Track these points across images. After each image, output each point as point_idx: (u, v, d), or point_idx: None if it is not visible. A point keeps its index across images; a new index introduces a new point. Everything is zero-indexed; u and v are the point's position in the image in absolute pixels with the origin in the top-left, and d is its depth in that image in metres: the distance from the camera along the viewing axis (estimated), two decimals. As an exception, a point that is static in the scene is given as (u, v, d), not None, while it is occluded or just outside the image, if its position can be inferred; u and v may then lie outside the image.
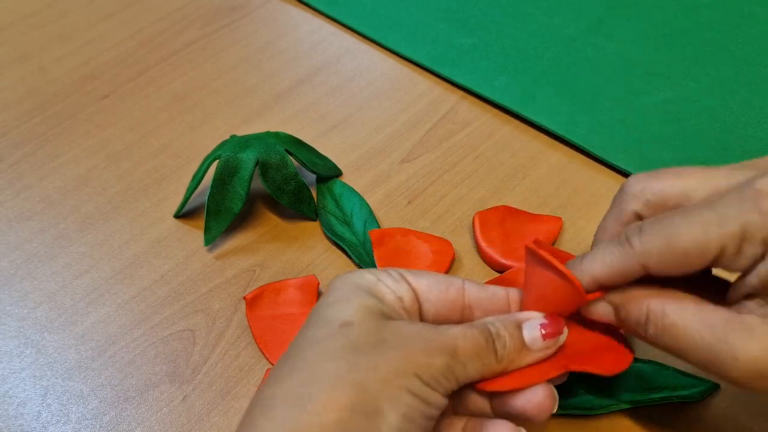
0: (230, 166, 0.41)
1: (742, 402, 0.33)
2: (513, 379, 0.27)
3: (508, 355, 0.26)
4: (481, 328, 0.26)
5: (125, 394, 0.36)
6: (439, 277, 0.28)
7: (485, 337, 0.26)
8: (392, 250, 0.40)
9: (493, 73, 0.50)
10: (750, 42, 0.50)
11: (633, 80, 0.49)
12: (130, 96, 0.52)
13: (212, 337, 0.38)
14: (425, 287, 0.28)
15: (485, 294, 0.28)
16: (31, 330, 0.39)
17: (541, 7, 0.55)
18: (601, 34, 0.52)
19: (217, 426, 0.34)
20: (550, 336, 0.27)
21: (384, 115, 0.49)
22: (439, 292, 0.28)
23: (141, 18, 0.58)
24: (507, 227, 0.40)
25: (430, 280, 0.28)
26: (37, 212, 0.45)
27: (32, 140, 0.49)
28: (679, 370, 0.34)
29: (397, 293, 0.27)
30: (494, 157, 0.46)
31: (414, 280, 0.28)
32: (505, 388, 0.26)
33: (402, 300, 0.27)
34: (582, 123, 0.46)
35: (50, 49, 0.56)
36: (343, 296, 0.26)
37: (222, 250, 0.42)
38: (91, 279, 0.41)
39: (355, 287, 0.27)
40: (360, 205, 0.43)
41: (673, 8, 0.54)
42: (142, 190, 0.45)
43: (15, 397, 0.36)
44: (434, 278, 0.28)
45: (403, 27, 0.55)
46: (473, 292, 0.28)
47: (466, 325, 0.26)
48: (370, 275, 0.27)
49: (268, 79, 0.52)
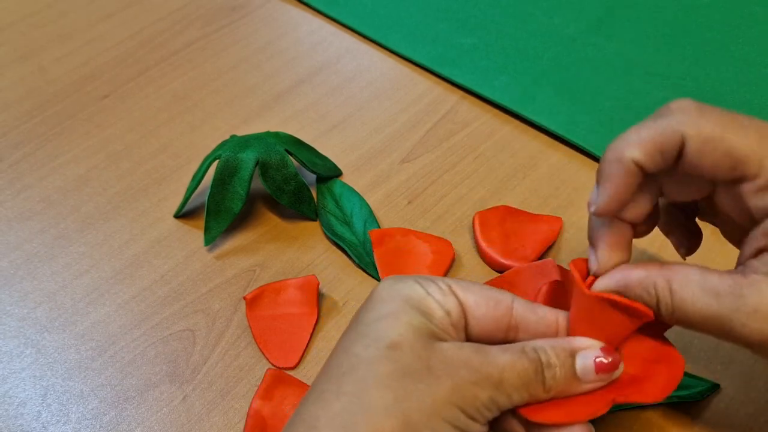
0: (230, 166, 0.41)
1: (742, 402, 0.33)
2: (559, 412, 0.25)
3: (556, 385, 0.25)
4: (531, 357, 0.25)
5: (125, 394, 0.36)
6: (489, 293, 0.27)
7: (535, 367, 0.25)
8: (392, 250, 0.40)
9: (493, 73, 0.50)
10: (750, 42, 0.50)
11: (633, 80, 0.49)
12: (130, 96, 0.52)
13: (212, 337, 0.38)
14: (473, 303, 0.27)
15: (534, 317, 0.27)
16: (31, 330, 0.39)
17: (541, 7, 0.55)
18: (601, 34, 0.52)
19: (217, 426, 0.34)
20: (606, 371, 0.26)
21: (384, 115, 0.49)
22: (487, 310, 0.27)
23: (141, 18, 0.58)
24: (507, 227, 0.40)
25: (479, 296, 0.27)
26: (37, 212, 0.45)
27: (32, 140, 0.49)
28: (679, 370, 0.34)
29: (445, 308, 0.26)
30: (494, 157, 0.46)
31: (463, 294, 0.27)
32: (550, 421, 0.25)
33: (450, 315, 0.26)
34: (582, 123, 0.46)
35: (50, 49, 0.56)
36: (390, 311, 0.25)
37: (222, 250, 0.42)
38: (91, 279, 0.41)
39: (403, 301, 0.26)
40: (360, 205, 0.43)
41: (673, 8, 0.54)
42: (142, 190, 0.45)
43: (15, 397, 0.36)
44: (483, 294, 0.27)
45: (403, 27, 0.55)
46: (521, 312, 0.27)
47: (516, 351, 0.25)
48: (418, 287, 0.26)
49: (268, 79, 0.52)
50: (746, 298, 0.23)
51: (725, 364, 0.35)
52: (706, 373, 0.34)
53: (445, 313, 0.26)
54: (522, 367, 0.25)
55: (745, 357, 0.35)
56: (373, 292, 0.27)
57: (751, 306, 0.23)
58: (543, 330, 0.27)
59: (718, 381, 0.34)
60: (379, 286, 0.27)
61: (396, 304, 0.26)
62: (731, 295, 0.24)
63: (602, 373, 0.26)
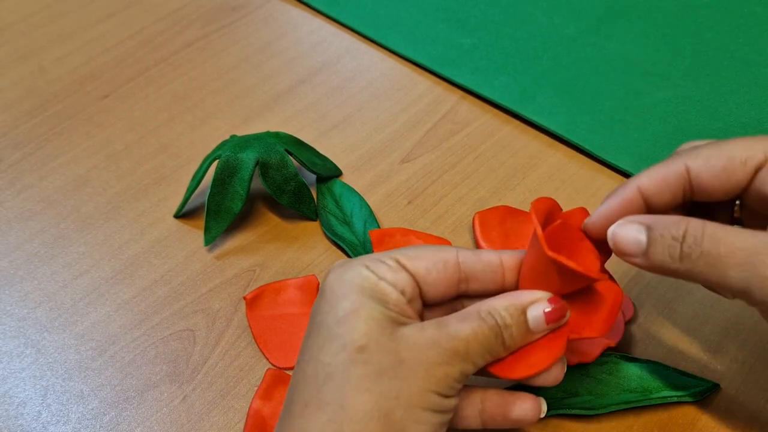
0: (230, 166, 0.41)
1: (742, 402, 0.33)
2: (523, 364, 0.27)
3: (513, 343, 0.27)
4: (489, 323, 0.26)
5: (125, 394, 0.36)
6: (435, 255, 0.28)
7: (495, 332, 0.26)
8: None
9: (493, 73, 0.50)
10: (750, 42, 0.50)
11: (633, 80, 0.49)
12: (130, 96, 0.52)
13: (212, 337, 0.38)
14: (424, 271, 0.27)
15: (480, 265, 0.28)
16: (31, 330, 0.39)
17: (541, 7, 0.55)
18: (601, 34, 0.52)
19: (217, 426, 0.34)
20: (555, 320, 0.27)
21: (384, 115, 0.49)
22: (437, 273, 0.27)
23: (141, 18, 0.58)
24: (507, 227, 0.40)
25: (428, 262, 0.27)
26: (37, 212, 0.45)
27: (32, 140, 0.49)
28: (679, 370, 0.34)
29: (398, 287, 0.26)
30: (494, 157, 0.46)
31: (412, 265, 0.27)
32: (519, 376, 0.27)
33: (404, 293, 0.27)
34: (582, 123, 0.46)
35: (50, 49, 0.56)
36: (349, 309, 0.25)
37: (222, 250, 0.42)
38: (91, 279, 0.41)
39: (358, 293, 0.26)
40: (360, 205, 0.43)
41: (673, 8, 0.54)
42: (142, 190, 0.45)
43: (15, 397, 0.36)
44: (430, 257, 0.28)
45: (403, 27, 0.55)
46: (469, 263, 0.28)
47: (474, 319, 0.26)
48: (368, 273, 0.26)
49: (268, 79, 0.52)
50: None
51: (725, 364, 0.35)
52: (706, 373, 0.34)
53: (399, 293, 0.26)
54: (483, 334, 0.26)
55: (746, 357, 0.35)
56: (324, 286, 0.27)
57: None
58: (491, 276, 0.28)
59: (718, 381, 0.34)
60: (328, 277, 0.27)
61: (352, 298, 0.26)
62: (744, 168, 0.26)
63: (552, 322, 0.27)
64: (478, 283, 0.28)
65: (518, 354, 0.27)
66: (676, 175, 0.27)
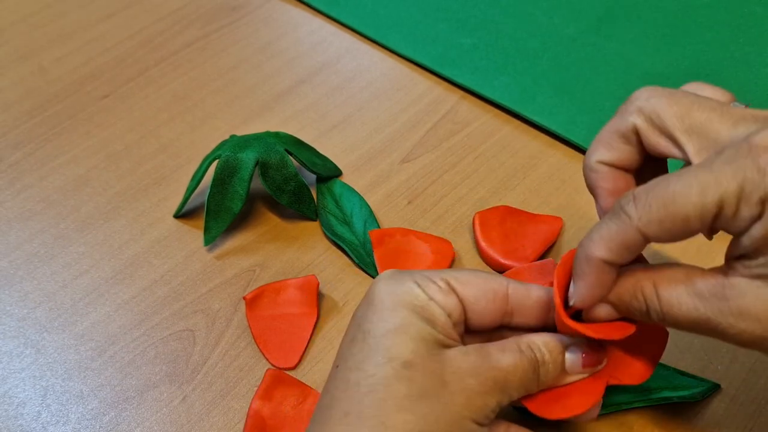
0: (230, 166, 0.41)
1: (741, 402, 0.33)
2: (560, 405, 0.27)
3: (547, 381, 0.27)
4: (529, 357, 0.26)
5: (125, 394, 0.36)
6: (486, 285, 0.28)
7: (533, 366, 0.26)
8: (392, 250, 0.40)
9: (493, 73, 0.50)
10: (750, 42, 0.50)
11: (633, 80, 0.49)
12: (130, 96, 0.52)
13: (212, 337, 0.38)
14: (473, 299, 0.27)
15: (529, 301, 0.28)
16: (30, 330, 0.39)
17: (541, 7, 0.55)
18: (601, 34, 0.52)
19: (217, 426, 0.34)
20: (590, 365, 0.27)
21: (384, 115, 0.49)
22: (486, 303, 0.27)
23: (141, 18, 0.58)
24: (507, 227, 0.40)
25: (478, 290, 0.27)
26: (37, 212, 0.45)
27: (32, 140, 0.49)
28: (679, 370, 0.34)
29: (446, 309, 0.26)
30: (494, 157, 0.46)
31: (462, 290, 0.27)
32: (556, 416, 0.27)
33: (451, 316, 0.27)
34: (582, 123, 0.46)
35: (50, 49, 0.56)
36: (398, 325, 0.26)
37: (222, 250, 0.42)
38: (90, 279, 0.41)
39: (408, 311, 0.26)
40: (360, 205, 0.43)
41: (673, 8, 0.54)
42: (142, 190, 0.45)
43: (15, 397, 0.36)
44: (481, 287, 0.27)
45: (403, 27, 0.55)
46: (518, 298, 0.28)
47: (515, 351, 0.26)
48: (418, 290, 0.26)
49: (268, 79, 0.52)
50: (729, 301, 0.24)
51: (725, 364, 0.35)
52: (706, 373, 0.34)
53: (447, 316, 0.26)
54: (523, 367, 0.26)
55: (746, 357, 0.35)
56: (373, 294, 0.27)
57: (735, 308, 0.23)
58: (537, 312, 0.28)
59: (718, 381, 0.34)
60: (377, 286, 0.27)
61: (402, 314, 0.26)
62: (715, 298, 0.24)
63: (587, 367, 0.27)
64: (522, 317, 0.28)
65: (555, 393, 0.27)
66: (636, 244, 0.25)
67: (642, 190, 0.24)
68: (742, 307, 0.23)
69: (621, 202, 0.24)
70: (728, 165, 0.22)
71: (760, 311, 0.23)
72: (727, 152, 0.23)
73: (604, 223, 0.25)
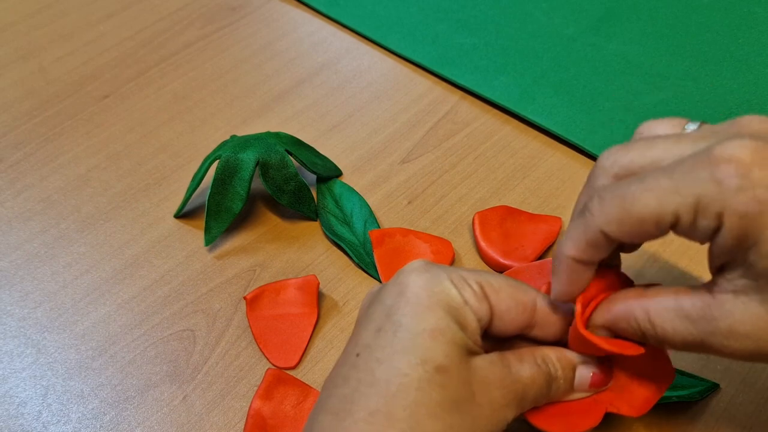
0: (230, 166, 0.41)
1: (741, 402, 0.33)
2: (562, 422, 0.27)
3: (556, 396, 0.27)
4: (545, 372, 0.27)
5: (125, 394, 0.36)
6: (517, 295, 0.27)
7: (547, 381, 0.27)
8: (392, 250, 0.40)
9: (493, 73, 0.50)
10: (750, 42, 0.50)
11: (633, 80, 0.49)
12: (130, 96, 0.52)
13: (212, 337, 0.38)
14: (504, 308, 0.27)
15: (553, 318, 0.28)
16: (31, 330, 0.39)
17: (541, 7, 0.55)
18: (600, 34, 0.52)
19: (217, 426, 0.34)
20: (597, 385, 0.28)
21: (384, 115, 0.49)
22: (515, 314, 0.27)
23: (141, 18, 0.58)
24: (507, 227, 0.40)
25: (510, 301, 0.27)
26: (38, 212, 0.45)
27: (33, 140, 0.49)
28: (679, 370, 0.34)
29: (478, 315, 0.26)
30: (494, 157, 0.46)
31: (495, 297, 0.27)
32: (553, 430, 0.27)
33: (480, 322, 0.26)
34: (582, 123, 0.46)
35: (50, 49, 0.56)
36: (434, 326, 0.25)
37: (222, 250, 0.42)
38: (91, 279, 0.41)
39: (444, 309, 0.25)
40: (360, 205, 0.43)
41: (673, 8, 0.54)
42: (143, 190, 0.45)
43: (15, 396, 0.36)
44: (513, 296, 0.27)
45: (403, 27, 0.55)
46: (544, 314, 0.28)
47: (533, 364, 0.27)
48: (455, 291, 0.26)
49: (268, 79, 0.53)
50: (718, 321, 0.24)
51: (725, 364, 0.35)
52: (706, 373, 0.34)
53: (477, 322, 0.26)
54: (539, 381, 0.26)
55: (745, 357, 0.35)
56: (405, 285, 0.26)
57: (725, 329, 0.24)
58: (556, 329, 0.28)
59: (718, 381, 0.34)
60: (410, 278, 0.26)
61: (439, 315, 0.25)
62: (704, 320, 0.24)
63: (594, 387, 0.28)
64: (541, 331, 0.28)
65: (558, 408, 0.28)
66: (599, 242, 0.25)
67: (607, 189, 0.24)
68: (731, 328, 0.23)
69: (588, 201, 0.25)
70: (687, 175, 0.22)
71: (749, 329, 0.23)
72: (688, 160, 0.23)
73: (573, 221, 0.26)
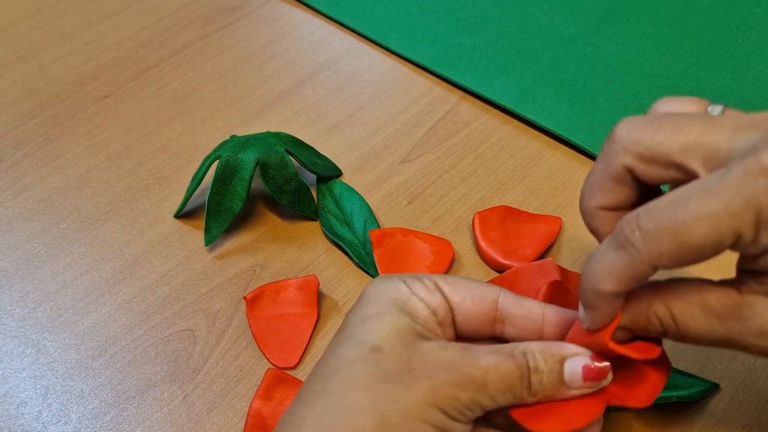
0: (230, 166, 0.41)
1: (742, 402, 0.33)
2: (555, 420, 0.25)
3: (543, 390, 0.25)
4: (518, 362, 0.25)
5: (125, 394, 0.36)
6: (475, 288, 0.27)
7: (521, 371, 0.25)
8: (392, 250, 0.40)
9: (493, 74, 0.50)
10: (750, 42, 0.50)
11: (633, 80, 0.49)
12: (130, 96, 0.52)
13: (212, 337, 0.38)
14: (459, 300, 0.27)
15: (520, 311, 0.27)
16: (31, 330, 0.39)
17: (540, 7, 0.55)
18: (600, 35, 0.52)
19: (218, 426, 0.34)
20: (594, 379, 0.26)
21: (384, 115, 0.49)
22: (472, 305, 0.27)
23: (141, 18, 0.58)
24: (507, 227, 0.40)
25: (465, 292, 0.27)
26: (38, 212, 0.45)
27: (33, 140, 0.49)
28: (679, 370, 0.34)
29: (430, 307, 0.26)
30: (494, 157, 0.46)
31: (449, 290, 0.27)
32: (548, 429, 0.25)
33: (436, 314, 0.26)
34: (581, 123, 0.46)
35: (51, 49, 0.56)
36: (375, 313, 0.26)
37: (222, 250, 0.42)
38: (91, 279, 0.41)
39: (388, 302, 0.26)
40: (360, 205, 0.43)
41: (673, 8, 0.54)
42: (143, 190, 0.45)
43: (15, 396, 0.36)
44: (470, 289, 0.27)
45: (403, 27, 0.55)
46: (508, 306, 0.27)
47: (503, 353, 0.25)
48: (404, 287, 0.26)
49: (268, 79, 0.53)
50: (748, 321, 0.23)
51: (725, 364, 0.35)
52: (706, 373, 0.34)
53: (430, 312, 0.26)
54: (506, 370, 0.25)
55: (745, 357, 0.35)
56: (362, 292, 0.27)
57: (756, 329, 0.23)
58: (529, 324, 0.27)
59: (718, 381, 0.34)
60: (368, 287, 0.27)
61: (381, 305, 0.26)
62: (733, 318, 0.23)
63: (589, 380, 0.26)
64: (514, 328, 0.27)
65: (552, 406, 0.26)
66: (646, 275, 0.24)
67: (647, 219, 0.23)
68: (762, 327, 0.23)
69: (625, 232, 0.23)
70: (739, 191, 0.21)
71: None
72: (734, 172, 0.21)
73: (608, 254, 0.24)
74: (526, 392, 0.25)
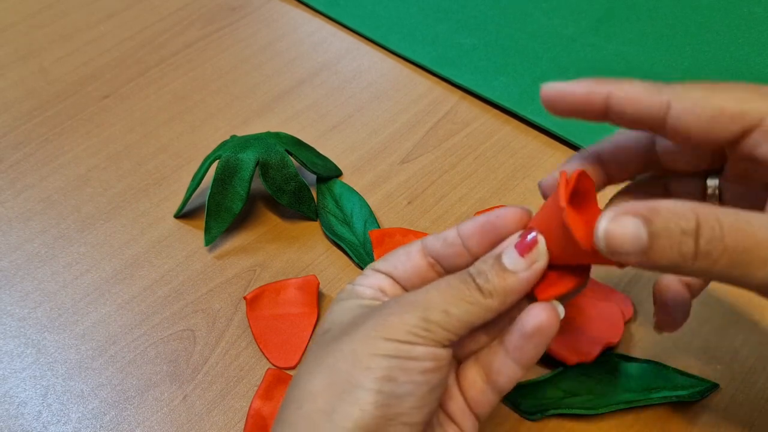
0: (230, 166, 0.41)
1: (741, 402, 0.33)
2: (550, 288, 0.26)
3: (495, 286, 0.25)
4: (459, 274, 0.26)
5: (125, 394, 0.36)
6: (402, 250, 0.28)
7: (463, 279, 0.25)
8: (392, 250, 0.40)
9: (493, 74, 0.50)
10: (750, 42, 0.50)
11: (633, 80, 0.49)
12: (130, 96, 0.52)
13: (212, 337, 0.38)
14: (392, 267, 0.28)
15: (439, 242, 0.28)
16: (31, 330, 0.39)
17: (540, 7, 0.55)
18: (600, 35, 0.52)
19: (218, 426, 0.34)
20: (527, 250, 0.25)
21: (384, 115, 0.49)
22: (403, 264, 0.28)
23: (141, 18, 0.58)
24: (507, 227, 0.40)
25: (396, 259, 0.28)
26: (38, 212, 0.45)
27: (33, 140, 0.49)
28: (679, 370, 0.34)
29: (373, 287, 0.28)
30: (494, 157, 0.46)
31: (383, 265, 0.28)
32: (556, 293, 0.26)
33: (383, 290, 0.28)
34: (581, 123, 0.46)
35: (51, 49, 0.56)
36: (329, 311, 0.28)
37: (222, 250, 0.42)
38: (91, 279, 0.41)
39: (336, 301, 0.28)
40: (360, 205, 0.43)
41: (673, 8, 0.54)
42: (143, 190, 0.45)
43: (15, 396, 0.36)
44: (398, 254, 0.28)
45: (403, 27, 0.55)
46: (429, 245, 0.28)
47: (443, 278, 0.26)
48: (349, 285, 0.28)
49: (268, 79, 0.53)
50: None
51: (725, 363, 0.35)
52: (705, 372, 0.34)
53: (376, 290, 0.28)
54: (447, 282, 0.25)
55: (745, 357, 0.35)
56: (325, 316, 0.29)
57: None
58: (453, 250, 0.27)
59: (718, 381, 0.34)
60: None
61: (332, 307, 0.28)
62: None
63: (526, 252, 0.25)
64: (446, 260, 0.28)
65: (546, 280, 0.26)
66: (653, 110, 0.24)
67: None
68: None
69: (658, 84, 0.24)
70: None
71: None
72: None
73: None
74: (479, 294, 0.25)
